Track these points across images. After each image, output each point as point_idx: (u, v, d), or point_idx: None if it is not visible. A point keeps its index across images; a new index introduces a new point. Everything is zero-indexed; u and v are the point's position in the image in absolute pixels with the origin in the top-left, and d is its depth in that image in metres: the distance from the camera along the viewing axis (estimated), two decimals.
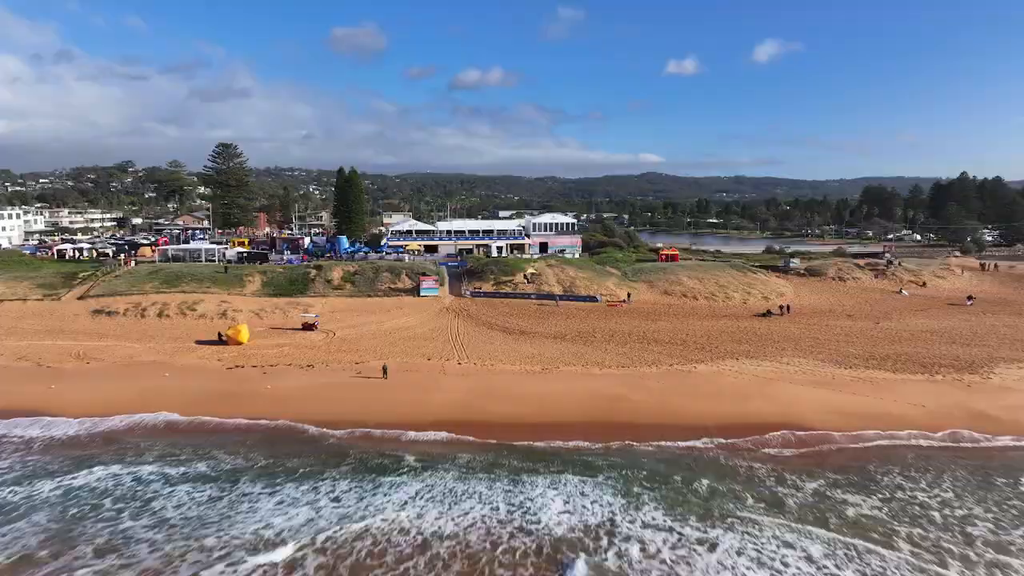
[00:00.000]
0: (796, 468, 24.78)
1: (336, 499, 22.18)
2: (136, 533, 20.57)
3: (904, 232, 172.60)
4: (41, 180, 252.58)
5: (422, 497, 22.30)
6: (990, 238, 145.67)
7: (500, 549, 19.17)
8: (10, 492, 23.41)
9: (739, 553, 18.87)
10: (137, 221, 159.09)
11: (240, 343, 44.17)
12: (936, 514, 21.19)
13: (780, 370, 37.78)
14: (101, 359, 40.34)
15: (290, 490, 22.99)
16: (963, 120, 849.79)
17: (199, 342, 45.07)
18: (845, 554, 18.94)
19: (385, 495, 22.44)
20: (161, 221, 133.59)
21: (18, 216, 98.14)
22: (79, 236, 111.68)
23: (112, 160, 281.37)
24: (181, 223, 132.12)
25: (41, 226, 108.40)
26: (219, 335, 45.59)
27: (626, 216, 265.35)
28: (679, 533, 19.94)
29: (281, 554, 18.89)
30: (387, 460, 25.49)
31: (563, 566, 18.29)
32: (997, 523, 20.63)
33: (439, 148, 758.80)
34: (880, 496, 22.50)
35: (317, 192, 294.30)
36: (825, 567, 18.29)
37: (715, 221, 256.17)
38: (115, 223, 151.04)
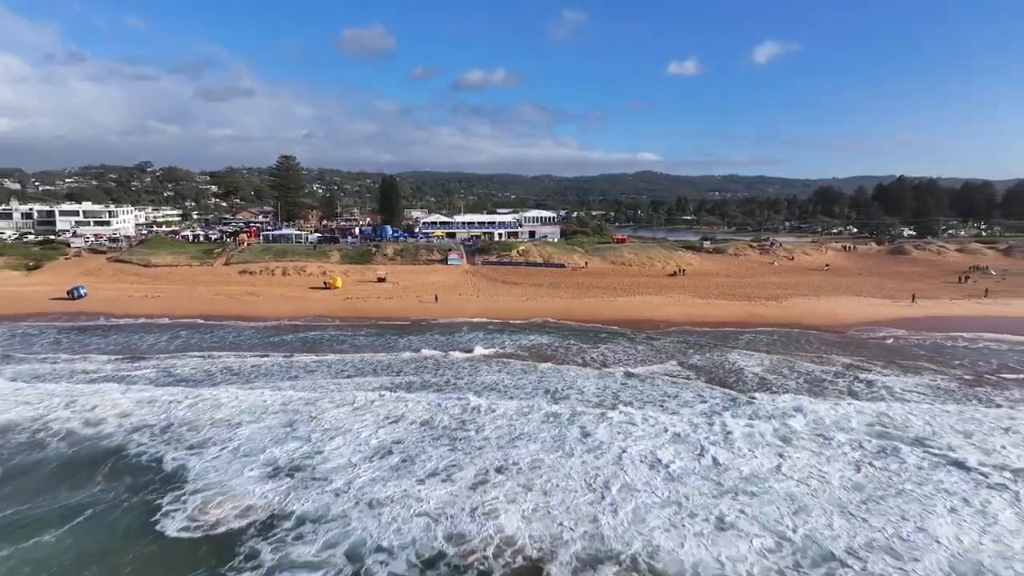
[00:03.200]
0: (649, 333, 48.99)
1: (436, 339, 46.26)
2: (344, 346, 44.36)
3: (847, 227, 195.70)
4: (67, 180, 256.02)
5: (476, 338, 46.36)
6: (912, 232, 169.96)
7: (505, 348, 43.39)
8: (283, 338, 47.32)
9: (609, 351, 42.98)
10: (195, 215, 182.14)
11: (338, 288, 68.15)
12: (694, 341, 45.56)
13: (666, 300, 62.01)
14: (264, 295, 64.23)
15: (411, 337, 46.95)
16: (960, 120, 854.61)
17: (312, 288, 69.09)
18: (655, 352, 43.14)
19: (458, 338, 46.64)
20: (226, 216, 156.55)
21: (130, 212, 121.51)
22: (162, 228, 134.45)
23: (114, 158, 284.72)
24: (241, 217, 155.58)
25: (142, 219, 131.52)
26: (324, 283, 69.66)
27: (612, 213, 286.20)
28: (584, 346, 44.11)
29: (417, 354, 42.88)
30: (453, 328, 49.77)
31: (526, 353, 42.51)
32: (719, 346, 45.01)
33: (439, 147, 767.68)
34: (672, 341, 46.80)
35: (321, 191, 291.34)
36: (642, 351, 42.51)
37: (689, 218, 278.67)
38: (180, 218, 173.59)
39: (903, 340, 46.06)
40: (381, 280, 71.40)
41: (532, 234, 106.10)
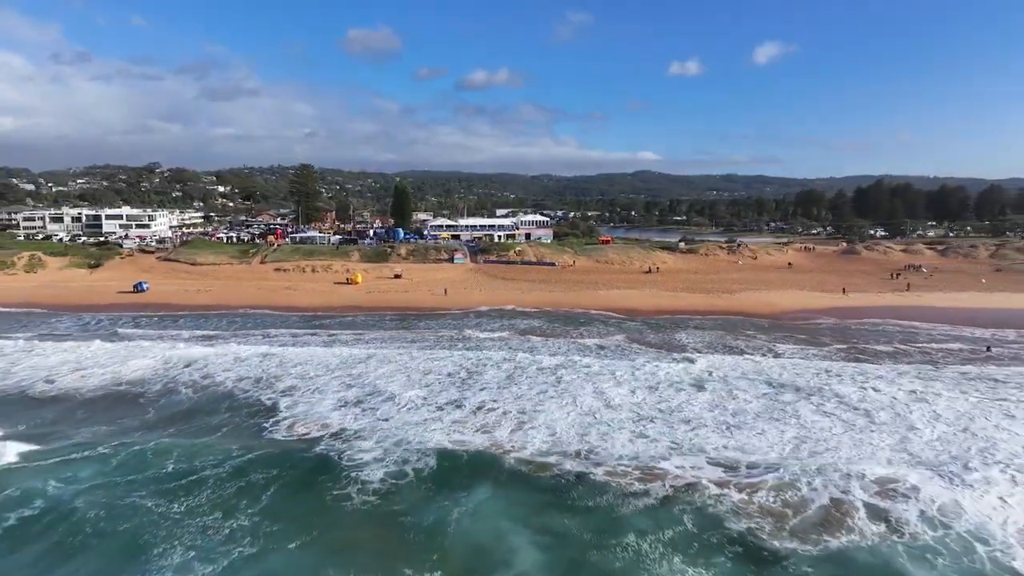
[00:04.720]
0: (621, 318, 58.69)
1: (449, 322, 56.13)
2: (375, 327, 54.20)
3: (825, 228, 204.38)
4: (78, 180, 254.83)
5: (481, 322, 56.20)
6: (883, 232, 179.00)
7: (504, 328, 53.15)
8: (322, 322, 57.14)
9: (587, 330, 52.65)
10: (215, 217, 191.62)
11: (359, 283, 78.03)
12: (654, 324, 55.35)
13: (639, 292, 71.80)
14: (300, 289, 74.11)
15: (428, 321, 56.74)
16: (960, 120, 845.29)
17: (337, 283, 79.02)
18: (622, 331, 52.90)
19: (466, 321, 56.45)
20: (245, 218, 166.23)
21: (165, 215, 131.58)
22: (189, 230, 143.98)
23: (116, 157, 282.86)
24: (262, 220, 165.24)
25: (175, 222, 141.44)
26: (347, 279, 79.56)
27: (607, 213, 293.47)
28: (567, 327, 53.88)
29: (435, 332, 52.75)
30: (462, 315, 59.56)
31: (521, 332, 52.30)
32: (672, 327, 54.76)
33: (439, 146, 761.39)
34: (637, 323, 56.52)
35: (323, 190, 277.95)
36: (612, 330, 52.25)
37: (680, 218, 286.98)
38: (203, 219, 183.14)
39: (822, 324, 55.81)
40: (397, 277, 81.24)
41: (528, 236, 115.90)
